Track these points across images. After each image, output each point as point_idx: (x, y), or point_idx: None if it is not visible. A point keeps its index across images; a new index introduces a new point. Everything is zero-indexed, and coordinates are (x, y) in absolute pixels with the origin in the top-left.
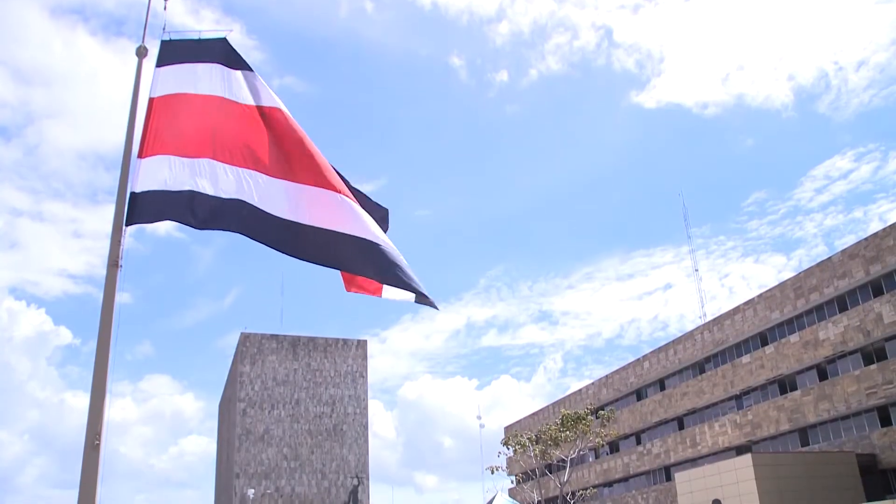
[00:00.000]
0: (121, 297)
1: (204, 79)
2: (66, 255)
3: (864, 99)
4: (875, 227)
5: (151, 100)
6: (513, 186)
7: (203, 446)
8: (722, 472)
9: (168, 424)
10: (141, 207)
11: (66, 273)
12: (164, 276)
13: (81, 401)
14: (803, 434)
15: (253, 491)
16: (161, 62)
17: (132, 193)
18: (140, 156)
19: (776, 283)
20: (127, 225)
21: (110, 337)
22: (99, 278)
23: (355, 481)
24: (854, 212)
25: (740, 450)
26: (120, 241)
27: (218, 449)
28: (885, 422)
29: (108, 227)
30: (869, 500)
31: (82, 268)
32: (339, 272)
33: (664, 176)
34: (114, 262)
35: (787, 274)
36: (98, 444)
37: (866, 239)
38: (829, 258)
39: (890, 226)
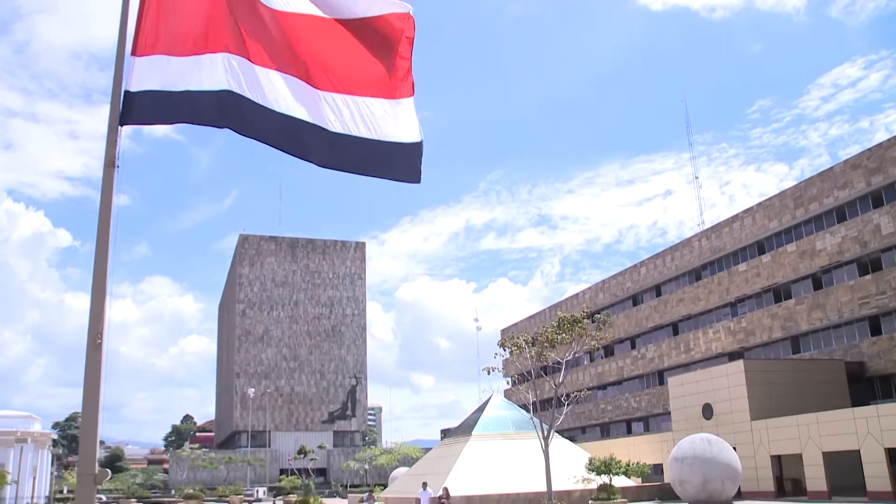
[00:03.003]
0: (119, 199)
1: None
2: (62, 157)
3: (881, 2)
4: (881, 137)
5: None
6: (514, 89)
7: (203, 346)
8: (714, 377)
9: (168, 325)
10: (136, 107)
11: (64, 175)
12: (162, 178)
13: (82, 302)
14: (795, 342)
15: (253, 390)
16: None
17: (127, 92)
18: (134, 53)
19: (776, 193)
20: (121, 125)
21: (109, 238)
22: (96, 180)
23: (353, 381)
24: (860, 121)
25: (733, 356)
26: (116, 141)
27: (218, 349)
28: (876, 331)
29: (105, 128)
30: (854, 406)
31: (79, 169)
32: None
33: (668, 81)
34: (110, 163)
35: (789, 183)
36: (100, 343)
37: (870, 149)
38: (831, 168)
39: (895, 136)
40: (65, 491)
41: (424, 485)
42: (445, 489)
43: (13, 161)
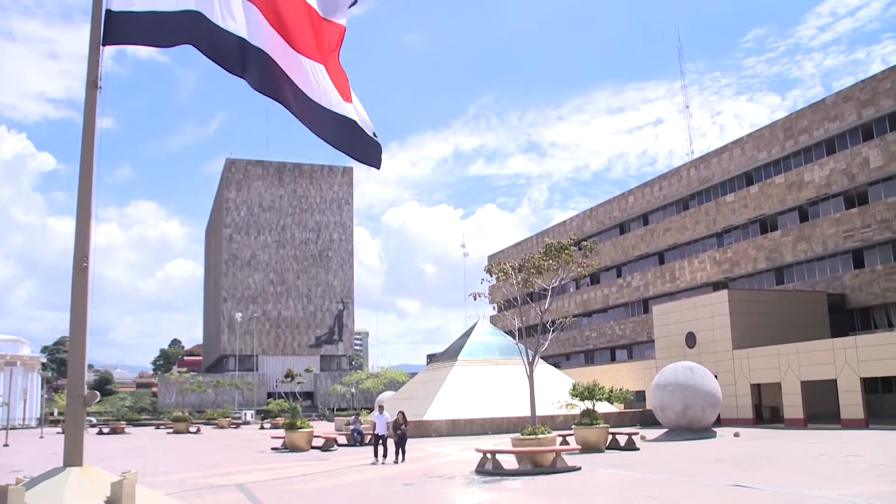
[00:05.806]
0: (102, 122)
1: None
2: (43, 78)
3: None
4: (876, 69)
5: None
6: (506, 12)
7: (190, 271)
8: (698, 307)
9: (154, 249)
10: (119, 27)
11: (45, 97)
12: (146, 100)
13: (67, 225)
14: (779, 273)
15: (241, 314)
16: None
17: (108, 11)
18: None
19: (767, 124)
20: (104, 45)
21: (93, 161)
22: (79, 102)
23: (340, 306)
24: (856, 52)
25: (717, 286)
26: (98, 61)
27: (205, 274)
28: (858, 264)
29: (86, 48)
30: (833, 337)
31: (61, 91)
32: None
33: (662, 7)
34: (93, 84)
35: (781, 114)
36: (86, 267)
37: (863, 81)
38: (823, 100)
39: (889, 68)
40: (55, 413)
41: (381, 408)
42: (401, 413)
43: None
